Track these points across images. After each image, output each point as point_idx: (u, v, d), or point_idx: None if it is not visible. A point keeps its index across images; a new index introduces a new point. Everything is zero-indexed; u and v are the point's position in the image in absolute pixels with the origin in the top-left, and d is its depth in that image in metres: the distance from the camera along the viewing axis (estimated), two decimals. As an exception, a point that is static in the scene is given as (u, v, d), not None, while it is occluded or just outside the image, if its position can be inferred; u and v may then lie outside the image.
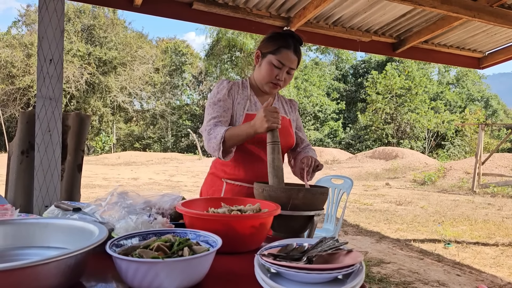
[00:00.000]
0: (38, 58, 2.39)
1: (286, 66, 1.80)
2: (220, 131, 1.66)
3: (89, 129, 2.69)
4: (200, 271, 0.86)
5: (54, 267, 0.76)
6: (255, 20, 4.20)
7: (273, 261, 0.83)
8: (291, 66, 1.81)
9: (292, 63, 1.81)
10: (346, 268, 0.83)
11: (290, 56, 1.79)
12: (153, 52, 30.67)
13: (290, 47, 1.79)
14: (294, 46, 1.81)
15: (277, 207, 1.24)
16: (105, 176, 13.09)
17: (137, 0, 3.46)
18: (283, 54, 1.78)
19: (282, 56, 1.79)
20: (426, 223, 6.80)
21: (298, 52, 1.83)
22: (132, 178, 12.96)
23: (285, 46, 1.79)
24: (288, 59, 1.79)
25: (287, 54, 1.79)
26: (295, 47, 1.81)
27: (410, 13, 4.36)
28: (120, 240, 0.93)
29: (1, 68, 26.27)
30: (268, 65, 1.81)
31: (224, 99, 1.81)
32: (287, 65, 1.80)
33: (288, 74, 1.83)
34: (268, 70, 1.81)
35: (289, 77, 1.85)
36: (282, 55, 1.79)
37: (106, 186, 10.54)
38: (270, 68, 1.81)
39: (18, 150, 2.50)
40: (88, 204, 1.27)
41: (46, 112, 2.38)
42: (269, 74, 1.81)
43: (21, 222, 1.02)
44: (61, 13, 2.43)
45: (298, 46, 1.83)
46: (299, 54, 1.84)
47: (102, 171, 14.47)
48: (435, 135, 26.59)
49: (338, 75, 33.96)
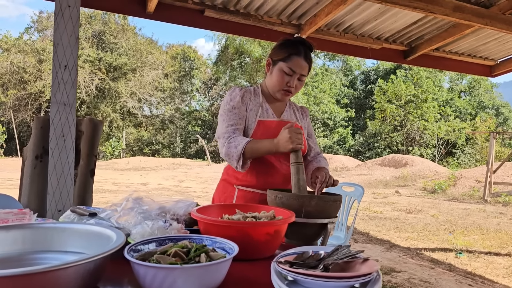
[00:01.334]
0: (53, 64, 2.43)
1: (297, 73, 1.81)
2: (241, 142, 1.67)
3: (101, 134, 2.72)
4: (217, 278, 0.86)
5: (73, 271, 0.77)
6: (266, 27, 4.23)
7: (290, 269, 0.83)
8: (302, 72, 1.81)
9: (302, 69, 1.81)
10: (363, 277, 0.83)
11: (300, 63, 1.80)
12: (162, 58, 30.92)
13: (300, 54, 1.80)
14: (305, 53, 1.82)
15: (291, 214, 1.24)
16: (115, 181, 13.17)
17: (150, 7, 3.49)
18: (294, 61, 1.79)
19: (293, 63, 1.79)
20: (437, 231, 6.73)
21: (308, 59, 1.84)
22: (141, 183, 13.02)
23: (295, 53, 1.80)
24: (298, 65, 1.80)
25: (298, 61, 1.79)
26: (306, 54, 1.82)
27: (421, 21, 4.35)
28: (137, 246, 0.94)
29: (14, 74, 26.63)
30: (279, 72, 1.82)
31: (238, 106, 1.82)
32: (298, 71, 1.80)
33: (299, 81, 1.84)
34: (279, 77, 1.82)
35: (300, 83, 1.85)
36: (293, 62, 1.80)
37: (116, 191, 10.60)
38: (281, 75, 1.82)
39: (33, 155, 2.54)
40: (104, 209, 1.28)
41: (60, 117, 2.41)
42: (280, 81, 1.82)
43: (40, 226, 1.03)
44: (76, 20, 2.47)
45: (308, 53, 1.85)
46: (309, 60, 1.84)
47: (111, 176, 14.56)
48: (445, 143, 26.37)
49: (347, 82, 33.91)
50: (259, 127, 1.80)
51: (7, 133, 27.56)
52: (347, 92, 32.84)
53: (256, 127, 1.80)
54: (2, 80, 27.09)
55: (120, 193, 10.21)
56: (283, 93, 1.85)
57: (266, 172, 1.81)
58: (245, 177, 1.83)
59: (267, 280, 0.99)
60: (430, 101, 25.95)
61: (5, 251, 0.97)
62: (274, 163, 1.81)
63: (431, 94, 26.11)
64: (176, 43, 39.43)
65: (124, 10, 3.54)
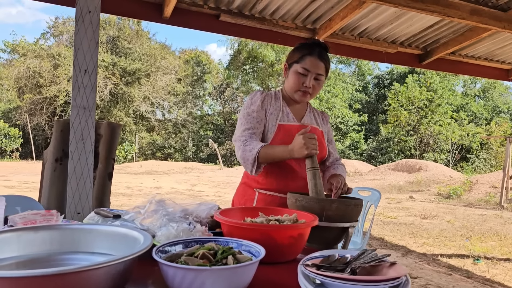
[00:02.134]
0: (73, 69, 2.47)
1: (311, 72, 1.80)
2: (256, 146, 1.68)
3: (119, 138, 2.75)
4: (244, 280, 0.86)
5: (104, 272, 0.78)
6: (280, 32, 4.24)
7: (318, 272, 0.83)
8: (317, 71, 1.81)
9: (317, 68, 1.80)
10: (392, 281, 0.82)
11: (314, 62, 1.80)
12: (176, 63, 31.15)
13: (314, 53, 1.80)
14: (319, 52, 1.81)
15: (314, 218, 1.23)
16: (128, 184, 13.27)
17: (167, 12, 3.53)
18: (307, 61, 1.80)
19: (306, 63, 1.80)
20: (453, 237, 6.63)
21: (324, 58, 1.82)
22: (154, 187, 13.10)
23: (308, 53, 1.81)
24: (312, 65, 1.80)
25: (311, 60, 1.79)
26: (320, 53, 1.82)
27: (437, 24, 4.32)
28: (164, 247, 0.94)
29: (29, 78, 27.08)
30: (294, 74, 1.83)
31: (258, 110, 1.83)
32: (313, 71, 1.80)
33: (317, 80, 1.83)
34: (294, 79, 1.83)
35: (317, 83, 1.84)
36: (306, 62, 1.80)
37: (129, 194, 10.67)
38: (296, 76, 1.82)
39: (53, 158, 2.57)
40: (127, 211, 1.29)
41: (80, 121, 2.44)
42: (296, 83, 1.82)
43: (67, 227, 1.04)
44: (96, 25, 2.51)
45: (323, 53, 1.84)
46: (325, 60, 1.83)
47: (125, 180, 14.68)
48: (460, 147, 26.04)
49: (360, 86, 33.74)
50: (280, 130, 1.81)
51: (23, 136, 28.00)
52: (359, 97, 32.67)
53: (276, 131, 1.81)
54: (19, 84, 27.58)
55: (134, 196, 10.28)
56: (300, 94, 1.85)
57: (287, 176, 1.82)
58: (266, 181, 1.84)
59: (292, 283, 0.99)
60: (443, 105, 25.68)
61: (34, 251, 0.98)
62: (295, 167, 1.81)
63: (444, 98, 25.83)
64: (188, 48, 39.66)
65: (141, 15, 3.59)
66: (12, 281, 0.69)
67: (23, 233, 0.99)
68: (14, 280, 0.69)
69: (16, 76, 27.14)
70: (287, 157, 1.66)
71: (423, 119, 25.53)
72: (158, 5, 3.58)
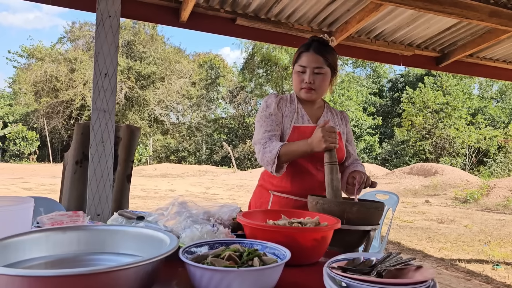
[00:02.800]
0: (94, 72, 2.51)
1: (308, 67, 1.79)
2: (276, 146, 1.68)
3: (138, 140, 2.78)
4: (271, 282, 0.87)
5: (134, 272, 0.78)
6: (296, 35, 4.24)
7: (345, 274, 0.83)
8: (314, 66, 1.79)
9: (314, 62, 1.78)
10: (420, 284, 0.82)
11: (310, 57, 1.79)
12: (190, 67, 31.37)
13: (309, 49, 1.80)
14: (315, 47, 1.80)
15: (337, 220, 1.23)
16: (143, 187, 13.38)
17: (184, 17, 3.56)
18: (303, 58, 1.80)
19: (303, 60, 1.80)
20: (472, 242, 6.52)
21: (321, 51, 1.79)
22: (169, 189, 13.19)
23: (304, 50, 1.81)
24: (308, 60, 1.79)
25: (307, 55, 1.79)
26: (317, 48, 1.80)
27: (455, 26, 4.28)
28: (190, 248, 0.95)
29: (47, 82, 27.56)
30: (295, 74, 1.85)
31: (275, 113, 1.83)
32: (310, 66, 1.79)
33: (317, 75, 1.80)
34: (295, 78, 1.85)
35: (319, 77, 1.81)
36: (302, 59, 1.80)
37: (144, 197, 10.76)
38: (296, 75, 1.84)
39: (73, 160, 2.61)
40: (150, 213, 1.31)
41: (100, 123, 2.48)
42: (297, 81, 1.84)
43: (94, 228, 1.06)
44: (116, 29, 2.54)
45: (321, 46, 1.81)
46: (322, 53, 1.79)
47: (140, 182, 14.80)
48: (476, 151, 25.63)
49: (375, 89, 33.49)
50: (294, 132, 1.81)
51: (40, 139, 28.48)
52: (374, 100, 32.43)
53: (291, 133, 1.81)
54: (36, 88, 28.09)
55: (149, 199, 10.36)
56: (304, 91, 1.84)
57: (302, 178, 1.81)
58: (281, 183, 1.83)
59: (317, 285, 0.99)
60: (459, 108, 25.32)
61: (62, 251, 1.00)
62: (310, 170, 1.81)
63: (460, 101, 25.47)
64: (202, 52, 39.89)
65: (159, 19, 3.63)
66: (46, 280, 0.70)
67: (52, 234, 1.00)
68: (47, 279, 0.70)
69: (34, 80, 27.66)
70: (308, 151, 1.65)
71: (438, 122, 25.21)
72: (175, 10, 3.61)
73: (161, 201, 9.67)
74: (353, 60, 31.77)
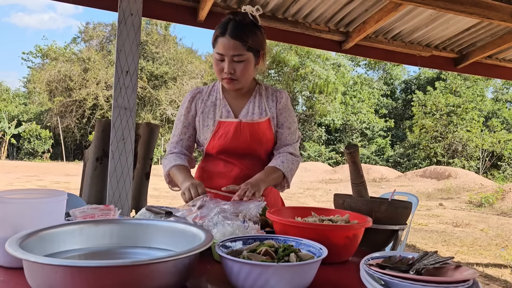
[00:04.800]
0: (115, 70, 2.52)
1: (226, 55, 1.58)
2: (169, 164, 1.69)
3: (157, 138, 2.78)
4: (308, 278, 0.86)
5: (172, 265, 0.78)
6: (313, 35, 4.23)
7: (386, 272, 0.82)
8: (231, 53, 1.56)
9: (231, 50, 1.56)
10: (462, 283, 0.80)
11: (226, 43, 1.56)
12: (202, 67, 31.50)
13: (225, 33, 1.56)
14: (232, 30, 1.56)
15: (367, 218, 1.21)
16: (155, 186, 13.42)
17: (201, 16, 3.57)
18: (219, 44, 1.58)
19: (219, 47, 1.58)
20: (488, 247, 6.43)
21: (238, 35, 1.55)
22: (180, 189, 13.20)
23: (220, 34, 1.58)
24: (224, 47, 1.56)
25: (223, 42, 1.57)
26: (233, 31, 1.56)
27: (474, 27, 4.22)
28: (225, 242, 0.95)
29: (60, 82, 27.90)
30: (214, 62, 1.64)
31: (185, 113, 1.77)
32: (227, 53, 1.57)
33: (237, 63, 1.59)
34: (215, 66, 1.64)
35: (240, 65, 1.60)
36: (219, 46, 1.58)
37: (157, 196, 10.81)
38: (215, 63, 1.63)
39: (94, 157, 2.63)
40: (177, 208, 1.30)
41: (121, 121, 2.49)
42: (217, 69, 1.63)
43: (126, 222, 1.06)
44: (138, 27, 2.56)
45: (237, 28, 1.57)
46: (240, 36, 1.56)
47: (152, 182, 14.77)
48: (490, 155, 25.27)
49: (387, 91, 33.24)
50: (220, 128, 1.70)
51: (53, 138, 28.83)
52: (386, 102, 32.20)
53: (216, 128, 1.70)
54: (50, 87, 28.44)
55: (162, 198, 10.40)
56: (226, 82, 1.64)
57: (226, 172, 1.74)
58: (209, 177, 1.76)
59: (351, 283, 0.98)
60: (472, 111, 25.01)
61: (95, 244, 1.00)
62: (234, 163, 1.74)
63: (473, 104, 25.15)
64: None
65: (177, 19, 3.64)
66: (90, 270, 0.70)
67: (85, 227, 1.01)
68: (91, 270, 0.70)
69: (48, 80, 28.02)
70: (180, 185, 1.61)
71: (450, 125, 24.94)
72: (192, 9, 3.62)
73: (173, 201, 9.71)
74: (366, 61, 31.59)
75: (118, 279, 0.71)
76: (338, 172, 19.61)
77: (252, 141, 1.68)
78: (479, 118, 25.25)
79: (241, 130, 1.68)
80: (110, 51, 29.41)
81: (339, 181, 17.68)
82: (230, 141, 1.67)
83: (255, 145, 1.70)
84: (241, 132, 1.68)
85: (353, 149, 1.48)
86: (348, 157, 1.49)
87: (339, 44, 4.42)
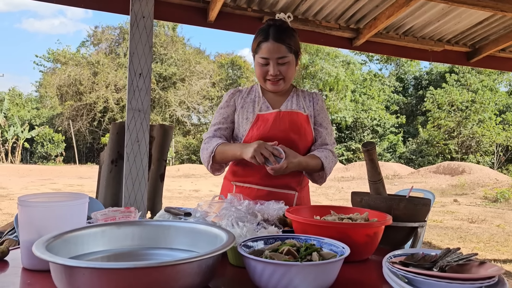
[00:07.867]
0: (128, 73, 2.54)
1: (271, 59, 1.70)
2: (213, 143, 1.70)
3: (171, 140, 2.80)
4: (331, 277, 0.85)
5: (196, 266, 0.78)
6: (324, 32, 4.22)
7: (409, 269, 0.81)
8: (276, 56, 1.69)
9: (275, 53, 1.68)
10: (488, 280, 0.79)
11: (270, 47, 1.68)
12: (210, 67, 31.57)
13: (268, 38, 1.69)
14: (274, 34, 1.69)
15: (387, 216, 1.21)
16: (168, 187, 13.51)
17: (211, 17, 3.58)
18: (263, 49, 1.70)
19: (263, 51, 1.70)
20: (506, 242, 6.34)
21: (281, 39, 1.69)
22: (193, 190, 13.29)
23: (263, 40, 1.70)
24: (269, 51, 1.69)
25: (267, 46, 1.69)
26: (276, 35, 1.68)
27: (487, 20, 4.17)
28: (247, 242, 0.95)
29: (70, 86, 28.19)
30: (257, 66, 1.76)
31: (226, 106, 1.84)
32: (272, 57, 1.69)
33: (282, 65, 1.71)
34: (258, 70, 1.76)
35: (285, 67, 1.72)
36: (263, 50, 1.70)
37: (169, 197, 10.87)
38: (259, 67, 1.75)
39: (109, 160, 2.65)
40: (195, 209, 1.31)
41: (135, 123, 2.51)
42: (260, 74, 1.76)
43: (147, 224, 1.07)
44: (150, 30, 2.57)
45: (280, 32, 1.70)
46: (283, 40, 1.69)
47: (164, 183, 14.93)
48: (505, 149, 24.91)
49: (399, 87, 32.93)
50: (258, 120, 1.77)
51: (65, 141, 29.15)
52: (397, 98, 31.91)
53: (254, 121, 1.77)
54: (61, 91, 28.76)
55: (174, 199, 10.46)
56: (270, 83, 1.76)
57: (261, 167, 1.71)
58: (241, 173, 1.81)
59: (373, 281, 0.98)
60: (486, 106, 24.67)
61: (117, 246, 1.01)
62: None
63: (487, 99, 24.81)
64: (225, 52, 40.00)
65: (188, 20, 3.65)
66: (115, 272, 0.71)
67: (107, 229, 1.02)
68: (116, 272, 0.71)
69: (58, 84, 28.32)
70: (238, 155, 1.64)
71: (464, 120, 24.64)
72: (203, 10, 3.63)
73: (186, 201, 9.76)
74: (379, 56, 31.33)
75: (144, 280, 0.72)
76: (350, 170, 19.50)
77: (291, 130, 1.73)
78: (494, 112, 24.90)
79: (281, 119, 1.75)
80: (119, 54, 29.64)
81: (351, 178, 17.58)
82: (269, 129, 1.72)
83: (294, 135, 1.74)
84: (280, 120, 1.75)
85: (370, 146, 1.47)
86: (365, 154, 1.48)
87: (350, 41, 4.40)
